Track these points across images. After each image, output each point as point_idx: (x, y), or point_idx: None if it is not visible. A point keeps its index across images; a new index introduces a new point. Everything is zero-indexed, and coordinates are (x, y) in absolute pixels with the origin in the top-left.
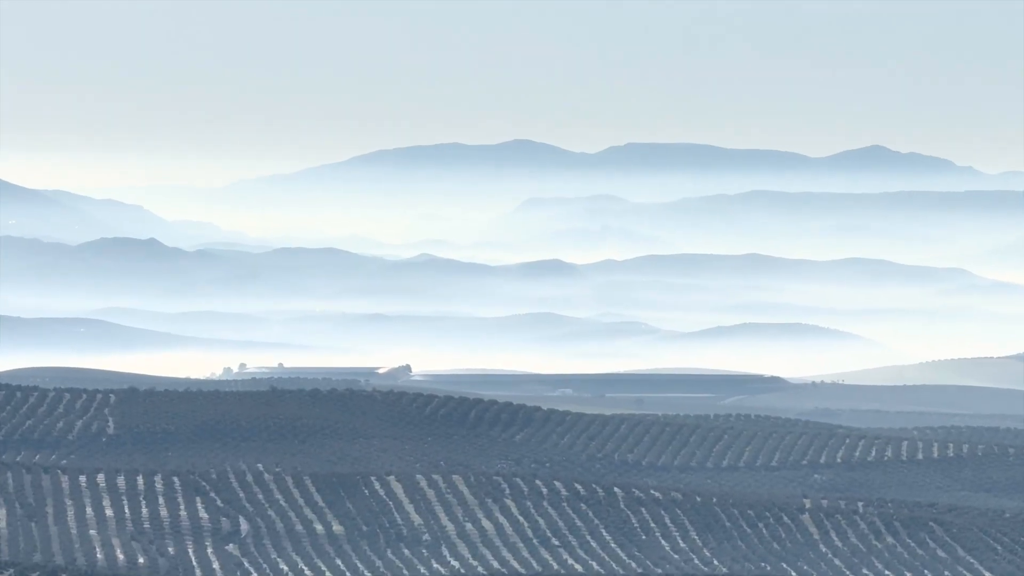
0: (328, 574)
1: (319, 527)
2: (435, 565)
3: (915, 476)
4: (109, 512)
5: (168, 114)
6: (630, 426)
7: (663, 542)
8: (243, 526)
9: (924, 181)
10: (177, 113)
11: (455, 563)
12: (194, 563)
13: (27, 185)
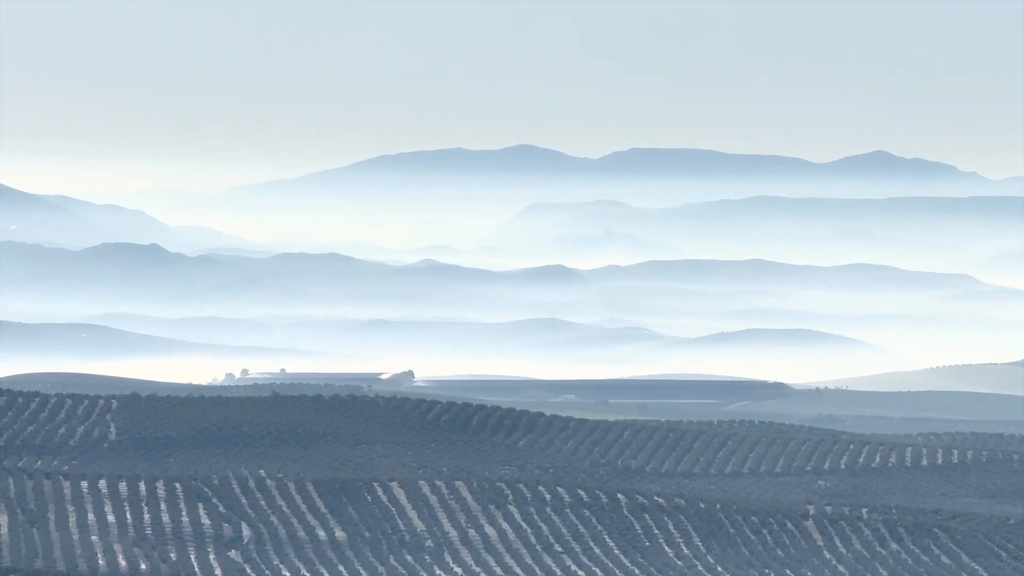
0: None
1: (322, 533)
2: (438, 571)
3: (919, 482)
4: (111, 518)
5: (170, 119)
6: (633, 432)
7: (666, 548)
8: (245, 532)
9: (928, 187)
10: (179, 118)
11: (458, 569)
12: (196, 569)
13: (29, 190)
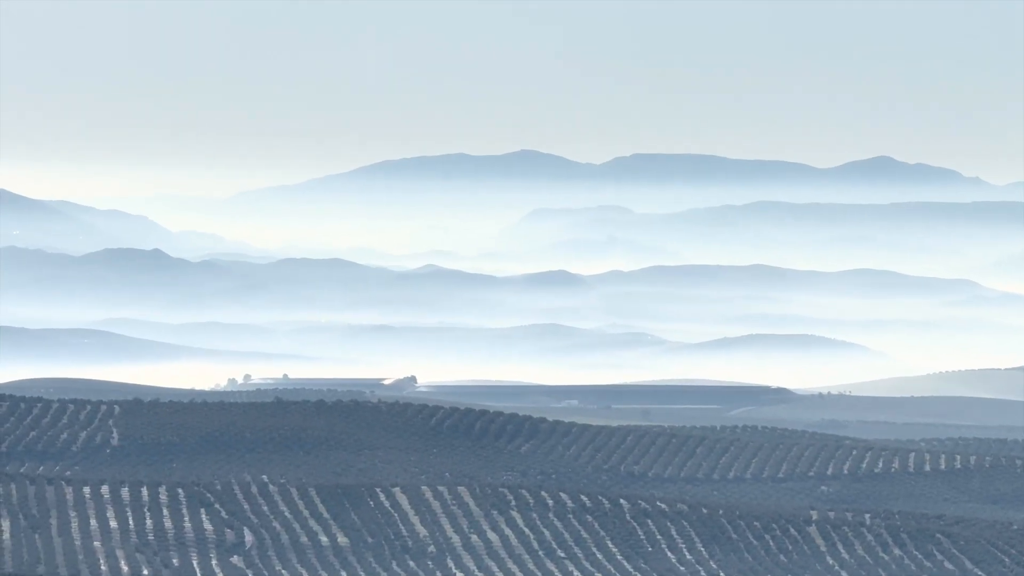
0: None
1: (324, 539)
2: None
3: (922, 488)
4: (113, 524)
5: (173, 124)
6: (636, 437)
7: (669, 554)
8: (248, 538)
9: (931, 192)
10: (182, 123)
11: (460, 575)
12: (199, 575)
13: (31, 195)
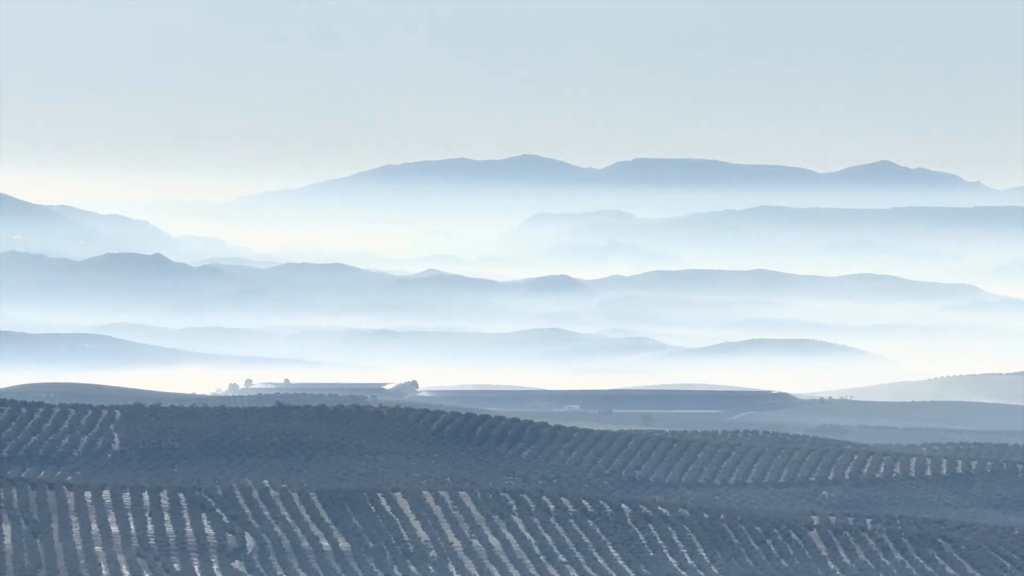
0: None
1: (325, 543)
2: None
3: (923, 493)
4: (114, 528)
5: (174, 129)
6: (637, 442)
7: (670, 559)
8: (249, 543)
9: (932, 197)
10: (183, 128)
11: None
12: None
13: (32, 201)
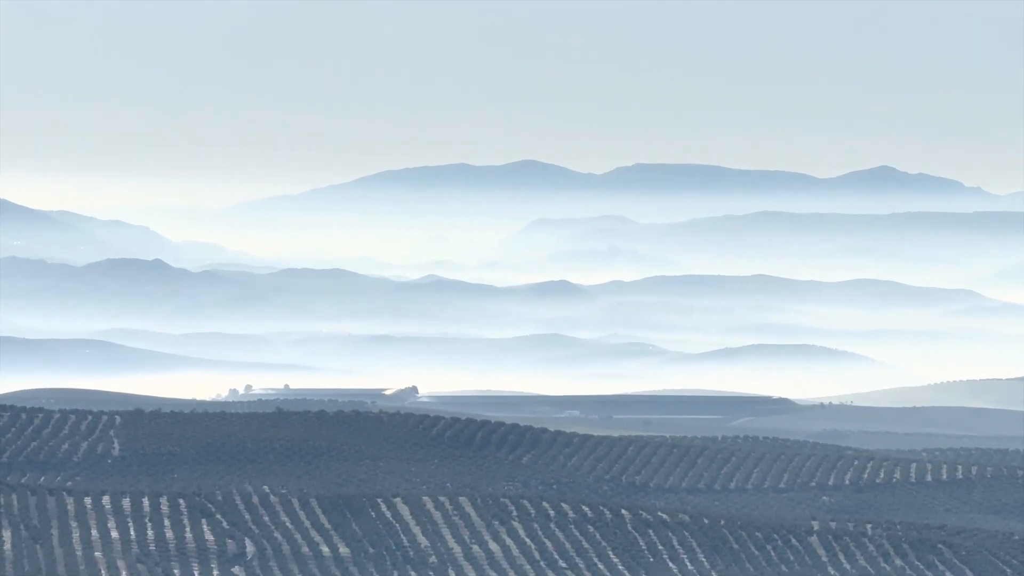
0: None
1: (325, 549)
2: None
3: (924, 498)
4: (114, 534)
5: (174, 135)
6: (637, 448)
7: (671, 564)
8: (249, 548)
9: (933, 202)
10: (183, 133)
11: None
12: None
13: (32, 206)
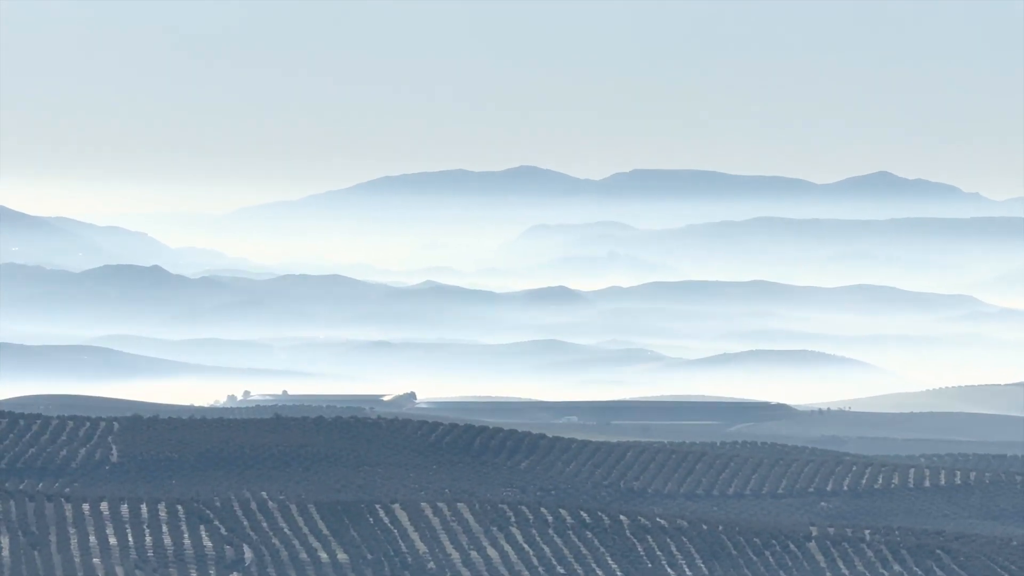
0: None
1: (323, 555)
2: None
3: (922, 504)
4: (113, 540)
5: (172, 141)
6: (636, 453)
7: (669, 570)
8: (247, 554)
9: (931, 207)
10: (181, 140)
11: None
12: None
13: (30, 212)
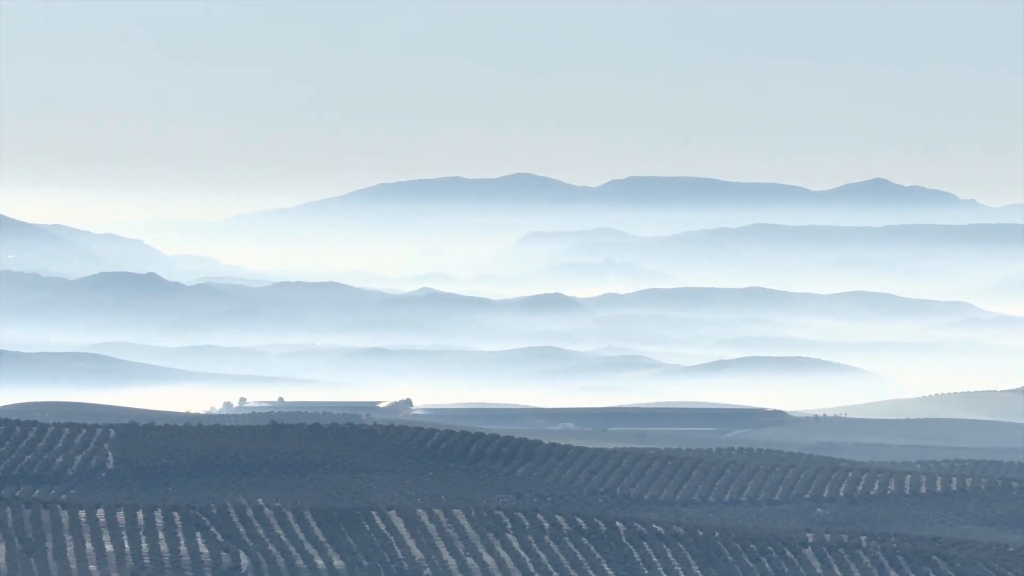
0: None
1: (320, 562)
2: None
3: (918, 510)
4: (109, 547)
5: (168, 149)
6: (632, 460)
7: None
8: (244, 561)
9: (927, 214)
10: (177, 147)
11: None
12: None
13: (26, 219)
